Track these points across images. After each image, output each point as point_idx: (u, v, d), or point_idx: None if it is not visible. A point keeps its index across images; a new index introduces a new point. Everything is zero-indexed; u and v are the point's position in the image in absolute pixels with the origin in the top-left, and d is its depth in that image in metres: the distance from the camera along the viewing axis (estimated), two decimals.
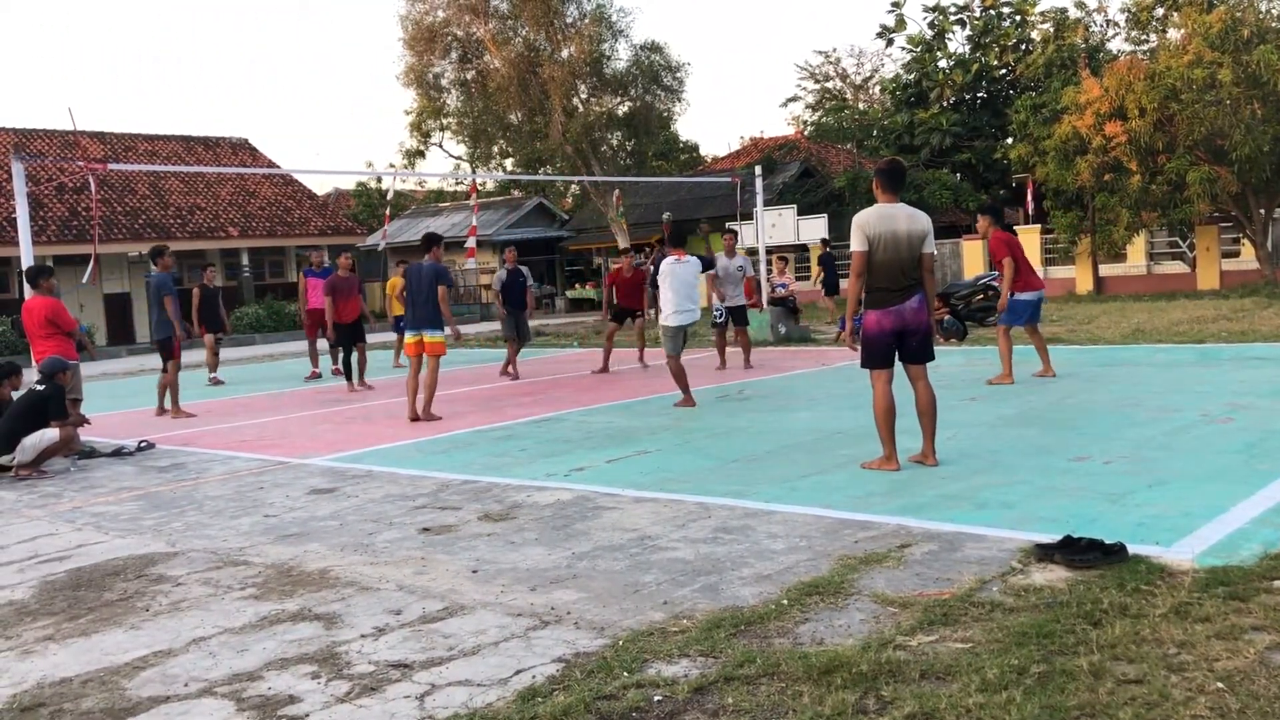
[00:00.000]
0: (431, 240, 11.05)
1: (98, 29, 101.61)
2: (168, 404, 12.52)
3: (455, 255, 34.44)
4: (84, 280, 13.92)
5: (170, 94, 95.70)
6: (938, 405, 6.92)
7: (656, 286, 10.88)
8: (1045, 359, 11.07)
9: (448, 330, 10.66)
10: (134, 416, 12.76)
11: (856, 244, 6.65)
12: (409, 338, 10.92)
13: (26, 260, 11.69)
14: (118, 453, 9.74)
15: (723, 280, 13.75)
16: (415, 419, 10.59)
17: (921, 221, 6.70)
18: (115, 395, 15.81)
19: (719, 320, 14.09)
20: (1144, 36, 27.32)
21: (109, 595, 5.17)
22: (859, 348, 7.02)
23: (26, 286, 10.95)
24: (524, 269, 15.10)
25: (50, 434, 8.94)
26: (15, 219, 12.91)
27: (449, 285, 10.63)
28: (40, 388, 9.21)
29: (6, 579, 5.60)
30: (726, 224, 19.98)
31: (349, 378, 14.34)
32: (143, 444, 9.96)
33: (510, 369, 14.83)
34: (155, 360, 24.61)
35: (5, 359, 10.83)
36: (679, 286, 10.49)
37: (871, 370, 6.81)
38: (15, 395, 9.64)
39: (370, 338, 15.10)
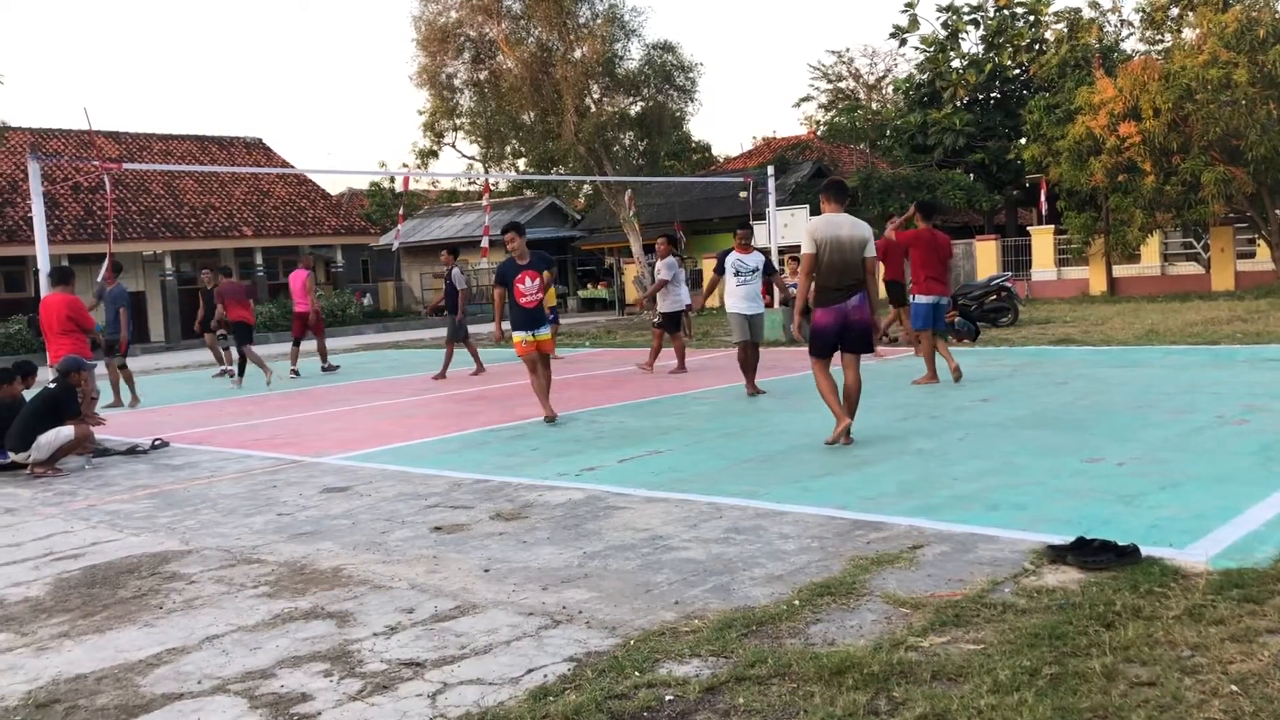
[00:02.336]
0: (507, 230, 9.96)
1: (113, 29, 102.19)
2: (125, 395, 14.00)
3: (469, 255, 34.55)
4: (99, 279, 14.10)
5: (185, 94, 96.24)
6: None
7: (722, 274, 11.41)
8: (931, 366, 10.77)
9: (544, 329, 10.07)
10: (147, 415, 12.83)
11: (806, 248, 7.61)
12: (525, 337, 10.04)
13: (42, 259, 11.76)
14: (132, 451, 9.78)
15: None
16: (551, 418, 9.88)
17: (862, 229, 7.67)
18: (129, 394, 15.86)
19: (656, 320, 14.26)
20: (1159, 36, 27.20)
21: (123, 593, 5.20)
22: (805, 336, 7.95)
23: (43, 284, 11.02)
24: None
25: (66, 432, 8.98)
26: (32, 218, 12.99)
27: (499, 284, 9.94)
28: (52, 386, 9.26)
29: (22, 576, 5.64)
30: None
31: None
32: (157, 442, 10.00)
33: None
34: (169, 359, 24.87)
35: (22, 358, 10.87)
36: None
37: (814, 358, 7.90)
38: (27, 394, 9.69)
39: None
